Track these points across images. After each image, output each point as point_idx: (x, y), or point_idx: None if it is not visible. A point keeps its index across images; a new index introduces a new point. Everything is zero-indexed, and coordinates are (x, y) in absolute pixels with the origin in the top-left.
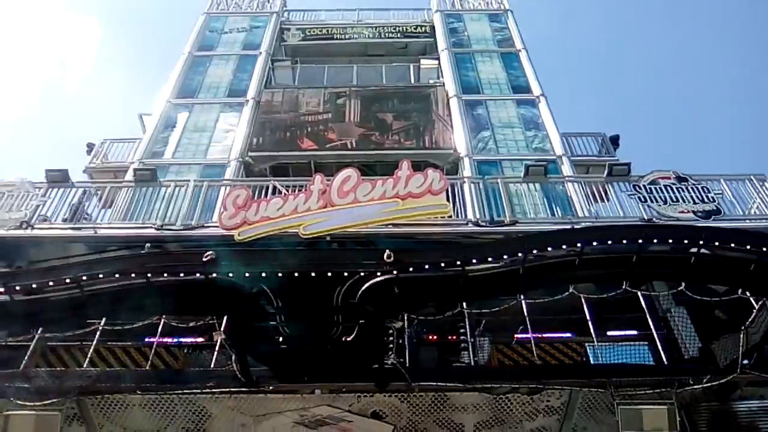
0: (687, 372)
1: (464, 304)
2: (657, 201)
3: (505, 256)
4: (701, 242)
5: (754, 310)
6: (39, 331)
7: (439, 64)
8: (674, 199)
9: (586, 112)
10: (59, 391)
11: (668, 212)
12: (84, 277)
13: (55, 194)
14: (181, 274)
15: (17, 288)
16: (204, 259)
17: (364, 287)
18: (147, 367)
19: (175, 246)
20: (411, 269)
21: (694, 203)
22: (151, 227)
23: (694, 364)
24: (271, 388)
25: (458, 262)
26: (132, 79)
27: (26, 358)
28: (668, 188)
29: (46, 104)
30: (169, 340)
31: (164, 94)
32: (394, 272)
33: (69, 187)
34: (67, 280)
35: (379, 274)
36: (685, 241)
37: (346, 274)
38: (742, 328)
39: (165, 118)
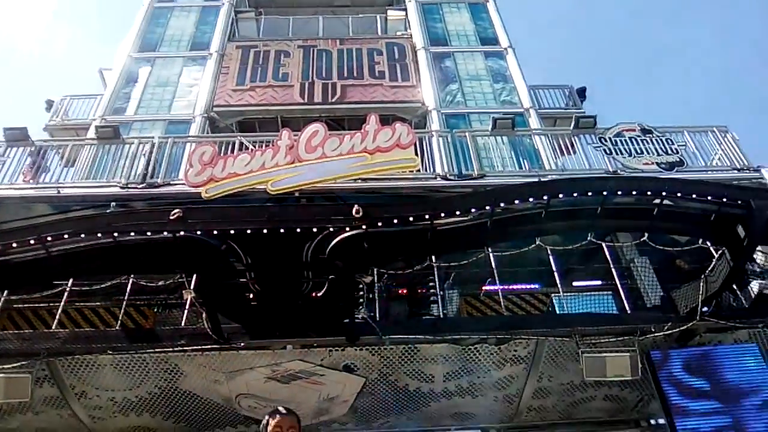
0: (649, 320)
1: (433, 257)
2: (622, 153)
3: (472, 210)
4: (664, 194)
5: (714, 260)
6: (5, 294)
7: (407, 15)
8: (639, 151)
9: (553, 64)
10: (28, 353)
11: (633, 164)
12: (49, 238)
13: (15, 153)
14: (148, 233)
15: None
16: (171, 217)
17: (333, 242)
18: (117, 327)
19: (141, 204)
20: (380, 224)
21: (658, 155)
22: (116, 185)
23: (656, 313)
24: (242, 344)
25: (426, 216)
26: (91, 33)
27: None
28: (633, 140)
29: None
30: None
31: (125, 47)
32: (363, 227)
33: (29, 145)
34: (32, 241)
35: (347, 229)
36: (649, 193)
37: (315, 229)
38: (702, 276)
39: (126, 73)
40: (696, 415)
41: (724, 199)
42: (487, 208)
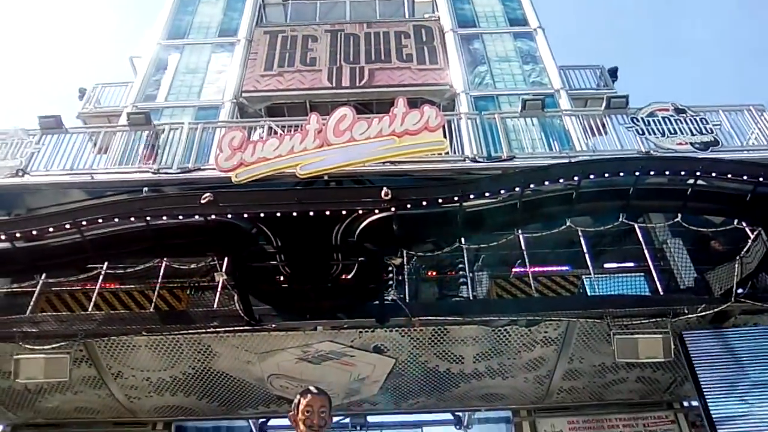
0: (682, 301)
1: (462, 239)
2: (655, 133)
3: (502, 191)
4: (698, 174)
5: (750, 240)
6: (42, 277)
7: None
8: (672, 131)
9: (584, 44)
10: (66, 334)
11: (666, 144)
12: (84, 222)
13: (50, 141)
14: (180, 217)
15: (18, 235)
16: (202, 201)
17: (362, 225)
18: (151, 309)
19: (173, 189)
20: (409, 206)
21: (692, 135)
22: (148, 171)
23: (689, 294)
24: (273, 326)
25: (456, 198)
26: (122, 22)
27: (32, 303)
28: (666, 120)
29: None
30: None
31: (154, 35)
32: (392, 209)
33: (63, 133)
34: (67, 226)
35: (377, 211)
36: (683, 173)
37: (344, 212)
38: (737, 258)
39: (156, 61)
40: (730, 397)
41: (761, 179)
42: (517, 189)
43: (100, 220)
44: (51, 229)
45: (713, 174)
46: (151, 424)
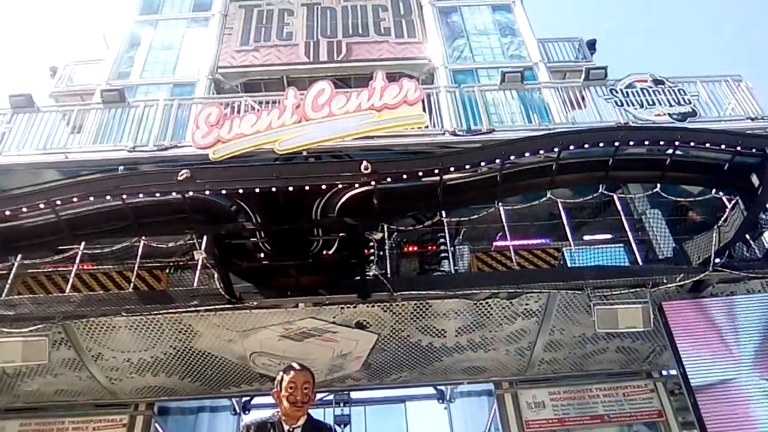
0: (661, 272)
1: (443, 213)
2: (633, 105)
3: (482, 163)
4: (677, 143)
5: (727, 210)
6: (18, 259)
7: None
8: (650, 103)
9: (562, 16)
10: (44, 316)
11: (644, 115)
12: (58, 202)
13: (21, 120)
14: (157, 194)
15: None
16: (179, 178)
17: (342, 200)
18: (130, 290)
19: (149, 167)
20: (389, 179)
21: (670, 106)
22: (124, 149)
23: (668, 264)
24: (254, 303)
25: (436, 171)
26: None
27: (7, 286)
28: (645, 91)
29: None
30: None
31: (127, 11)
32: (372, 183)
33: (35, 112)
34: (41, 205)
35: (357, 185)
36: (661, 143)
37: (323, 187)
38: (715, 227)
39: (129, 37)
40: (708, 365)
41: (738, 148)
42: (497, 161)
43: (75, 199)
44: (24, 209)
45: (691, 144)
46: (133, 405)
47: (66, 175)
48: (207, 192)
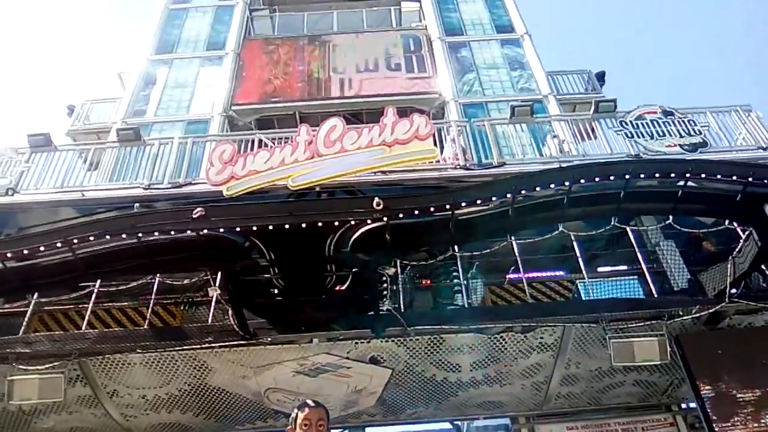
0: (676, 303)
1: (456, 247)
2: (644, 136)
3: (493, 198)
4: (688, 175)
5: (741, 240)
6: (35, 297)
7: (421, 6)
8: (661, 134)
9: (571, 49)
10: (60, 353)
11: (655, 147)
12: (75, 240)
13: (39, 159)
14: (172, 232)
15: (9, 255)
16: (194, 216)
17: (355, 235)
18: (145, 326)
19: (164, 204)
20: (401, 215)
21: (681, 137)
22: (139, 187)
23: (683, 296)
24: (269, 339)
25: (447, 206)
26: (109, 38)
27: (24, 323)
28: (655, 123)
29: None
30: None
31: (142, 50)
32: (385, 219)
33: (52, 150)
34: (58, 244)
35: (369, 221)
36: (672, 175)
37: (336, 223)
38: (730, 258)
39: (145, 76)
40: (728, 397)
41: (750, 179)
42: (508, 195)
43: (92, 238)
44: (42, 248)
45: (703, 175)
46: None
47: (82, 213)
48: (221, 229)
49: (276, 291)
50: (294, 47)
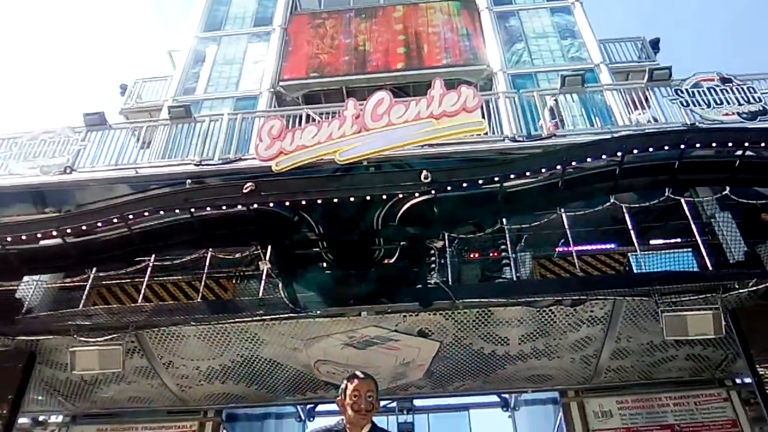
0: (732, 276)
1: (504, 220)
2: (700, 105)
3: (543, 170)
4: (746, 144)
5: None
6: (93, 271)
7: None
8: (718, 102)
9: (624, 15)
10: (118, 326)
11: (712, 116)
12: (131, 216)
13: (94, 137)
14: (223, 207)
15: (68, 231)
16: (244, 191)
17: (403, 209)
18: (198, 299)
19: (215, 180)
20: (449, 188)
21: (739, 104)
22: (190, 163)
23: (739, 269)
24: (318, 312)
25: (496, 178)
26: (159, 16)
27: (84, 297)
28: (712, 90)
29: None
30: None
31: (191, 28)
32: (432, 192)
33: (107, 129)
34: (115, 220)
35: (417, 195)
36: (730, 144)
37: (384, 197)
38: None
39: (194, 53)
40: None
41: None
42: (558, 167)
43: (146, 213)
44: (99, 224)
45: (762, 144)
46: (203, 412)
47: (136, 190)
48: (271, 204)
49: (325, 264)
50: (341, 20)
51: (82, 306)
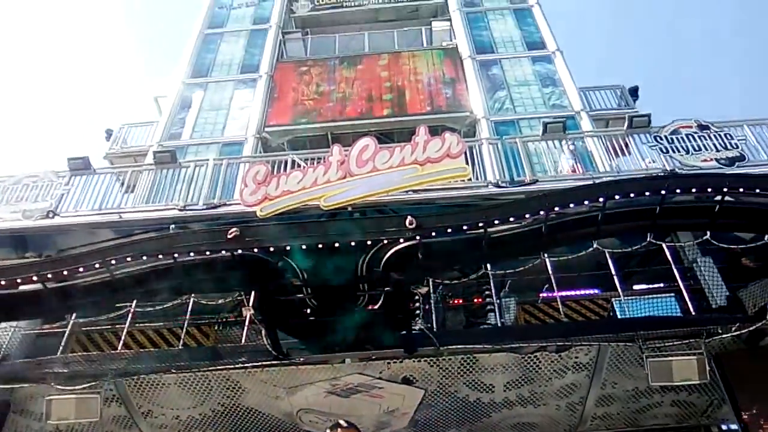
0: (715, 321)
1: (488, 265)
2: (679, 151)
3: (527, 216)
4: (725, 189)
5: None
6: (73, 317)
7: (451, 25)
8: (696, 148)
9: (603, 64)
10: (96, 374)
11: (691, 162)
12: (113, 261)
13: (78, 182)
14: (207, 252)
15: (49, 276)
16: (228, 236)
17: (387, 255)
18: (179, 346)
19: (199, 225)
20: (433, 234)
21: (717, 151)
22: (174, 208)
23: (722, 313)
24: (301, 359)
25: (480, 224)
26: (145, 63)
27: (62, 344)
28: (690, 137)
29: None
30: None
31: (178, 74)
32: (417, 238)
33: (91, 173)
34: (97, 265)
35: (401, 240)
36: (709, 190)
37: (369, 242)
38: None
39: (180, 99)
40: None
41: None
42: (542, 213)
43: (129, 258)
44: (81, 269)
45: (741, 189)
46: None
47: (120, 234)
48: (255, 250)
49: (309, 311)
50: (326, 68)
51: (60, 353)
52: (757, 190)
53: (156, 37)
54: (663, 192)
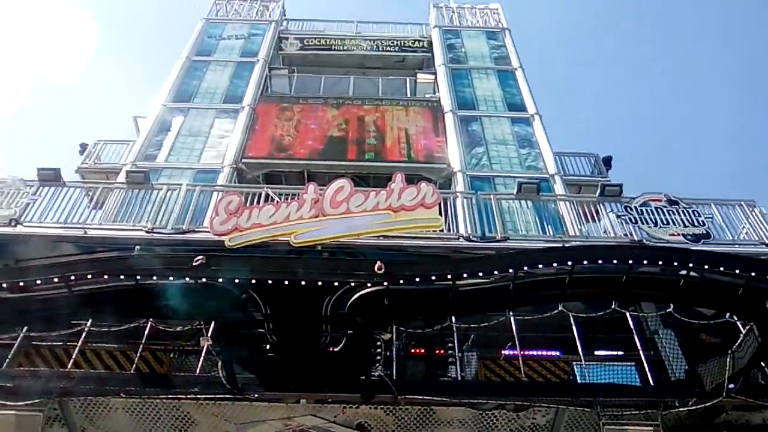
0: (673, 394)
1: (453, 318)
2: (648, 223)
3: (495, 272)
4: (691, 265)
5: (741, 335)
6: (24, 330)
7: (436, 79)
8: (665, 222)
9: (580, 132)
10: (41, 391)
11: (659, 234)
12: (73, 277)
13: (46, 193)
14: (171, 278)
15: (4, 285)
16: (194, 263)
17: (353, 298)
18: (132, 371)
19: (166, 249)
20: (401, 281)
21: (685, 226)
22: (142, 230)
23: (680, 387)
24: (256, 395)
25: (449, 276)
26: (127, 79)
27: (9, 356)
28: (659, 210)
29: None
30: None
31: (160, 97)
32: (385, 284)
33: (60, 186)
34: (56, 279)
35: (369, 285)
36: (675, 264)
37: (336, 283)
38: (729, 352)
39: (160, 122)
40: None
41: (753, 273)
42: (510, 270)
43: (90, 276)
44: (39, 282)
45: (706, 266)
46: None
47: (83, 250)
48: (220, 279)
49: (268, 346)
50: (308, 107)
51: (5, 366)
52: (722, 268)
53: (141, 57)
54: (631, 261)
